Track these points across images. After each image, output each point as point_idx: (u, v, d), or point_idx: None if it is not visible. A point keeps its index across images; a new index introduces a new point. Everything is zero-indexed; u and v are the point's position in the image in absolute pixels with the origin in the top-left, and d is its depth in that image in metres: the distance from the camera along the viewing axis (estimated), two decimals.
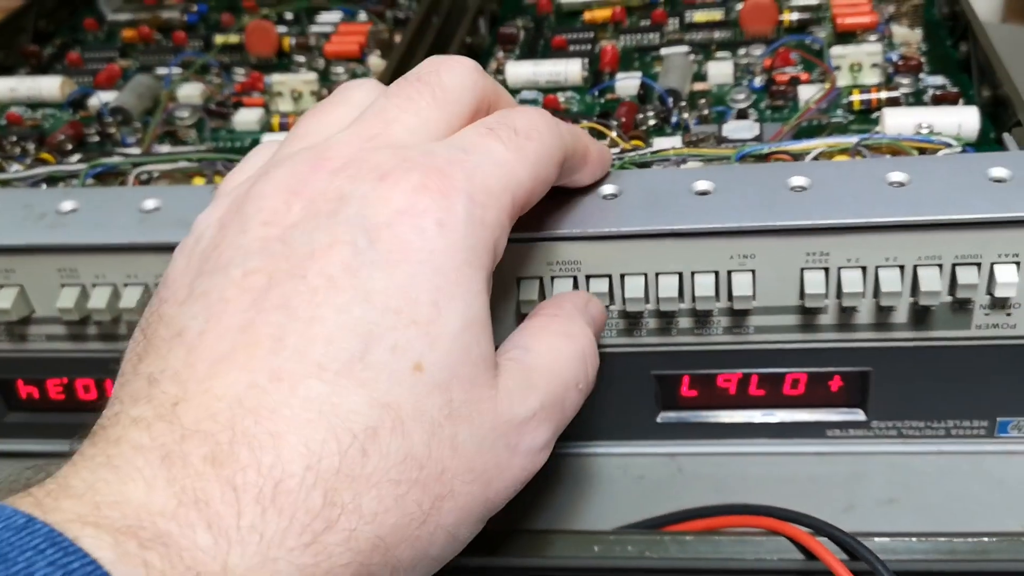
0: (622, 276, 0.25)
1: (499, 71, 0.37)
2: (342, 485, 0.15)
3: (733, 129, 0.31)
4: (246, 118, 0.36)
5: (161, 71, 0.40)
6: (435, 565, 0.17)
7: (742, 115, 0.32)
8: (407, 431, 0.16)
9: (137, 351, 0.17)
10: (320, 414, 0.15)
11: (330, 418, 0.15)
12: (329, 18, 0.43)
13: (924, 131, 0.29)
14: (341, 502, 0.15)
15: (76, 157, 0.34)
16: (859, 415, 0.27)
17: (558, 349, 0.20)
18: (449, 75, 0.20)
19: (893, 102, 0.31)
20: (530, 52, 0.39)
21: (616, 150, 0.29)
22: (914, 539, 0.23)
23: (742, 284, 0.24)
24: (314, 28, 0.43)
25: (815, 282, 0.24)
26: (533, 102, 0.35)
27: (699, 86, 0.34)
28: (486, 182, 0.18)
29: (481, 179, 0.18)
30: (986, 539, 0.23)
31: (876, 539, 0.23)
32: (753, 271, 0.24)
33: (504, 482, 0.18)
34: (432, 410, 0.16)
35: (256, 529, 0.14)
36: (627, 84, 0.34)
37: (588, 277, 0.25)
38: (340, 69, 0.39)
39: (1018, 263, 0.23)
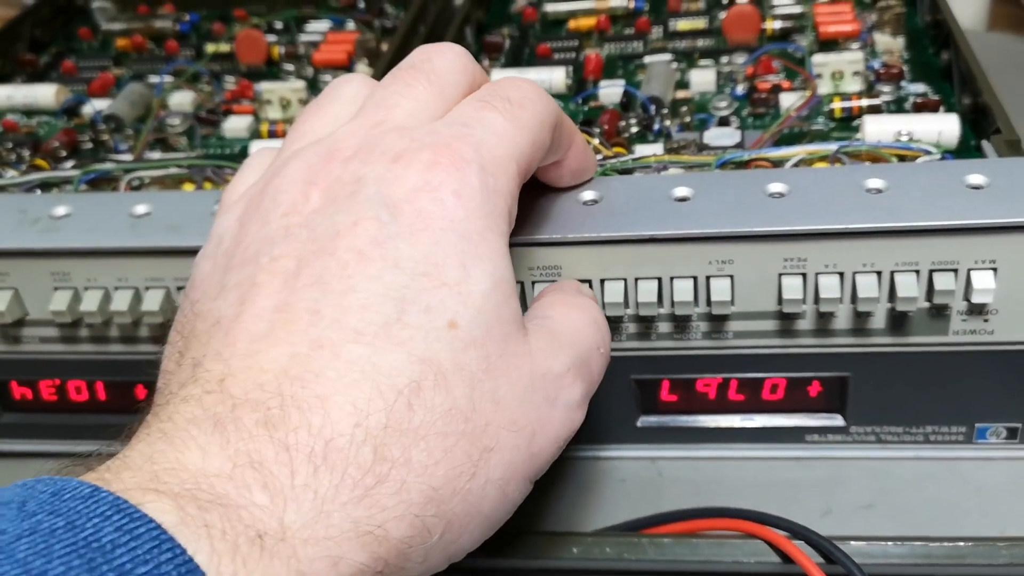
0: (602, 281, 0.25)
1: None
2: (391, 440, 0.16)
3: (714, 136, 0.31)
4: (235, 125, 0.36)
5: (153, 79, 0.40)
6: (488, 524, 0.18)
7: (724, 122, 0.32)
8: (449, 385, 0.17)
9: (178, 348, 0.18)
10: (364, 374, 0.16)
11: (373, 376, 0.16)
12: (318, 27, 0.44)
13: (904, 138, 0.29)
14: (391, 456, 0.16)
15: (70, 163, 0.34)
16: (838, 420, 0.27)
17: (574, 317, 0.21)
18: (440, 60, 0.21)
19: (874, 109, 0.32)
20: (515, 60, 0.39)
21: (599, 157, 0.29)
22: (890, 543, 0.23)
23: (721, 289, 0.24)
24: (303, 37, 0.43)
25: (793, 288, 0.24)
26: None
27: (682, 94, 0.35)
28: (493, 152, 0.19)
29: (488, 150, 0.19)
30: (962, 544, 0.23)
31: (852, 543, 0.23)
32: (732, 276, 0.24)
33: (547, 437, 0.18)
34: (471, 364, 0.17)
35: (310, 487, 0.15)
36: (610, 92, 0.34)
37: None
38: (328, 77, 0.40)
39: (995, 269, 0.23)
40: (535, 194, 0.25)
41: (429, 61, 0.21)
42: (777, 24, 0.38)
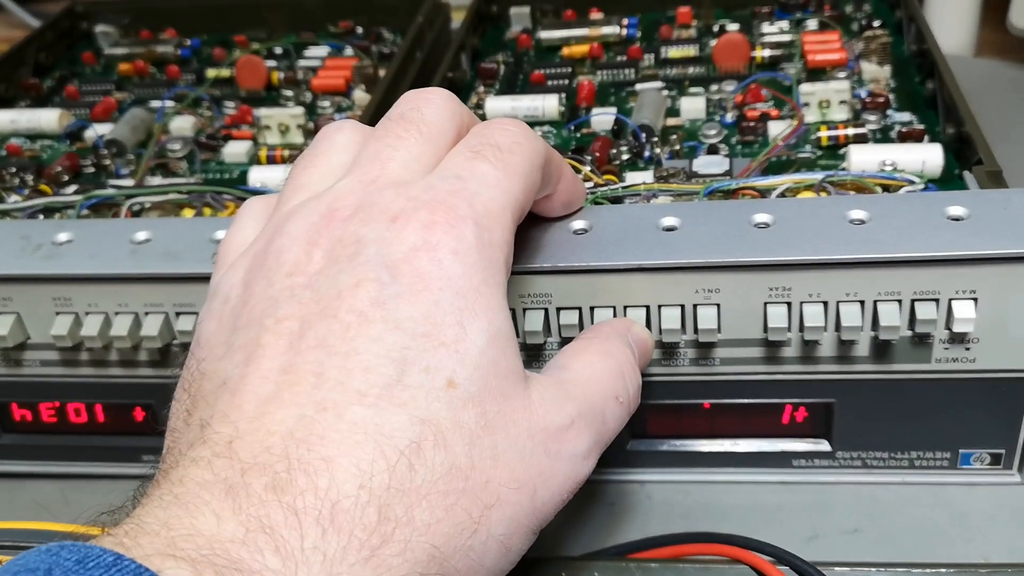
0: (591, 309, 0.25)
1: (479, 106, 0.38)
2: (394, 500, 0.16)
3: (703, 164, 0.32)
4: (235, 150, 0.37)
5: (155, 104, 0.41)
6: None
7: (713, 150, 0.33)
8: (449, 444, 0.17)
9: (185, 407, 0.18)
10: (367, 435, 0.16)
11: (376, 438, 0.16)
12: (316, 53, 0.45)
13: (888, 168, 0.30)
14: (395, 516, 0.16)
15: (72, 188, 0.35)
16: (824, 445, 0.28)
17: (594, 364, 0.21)
18: (429, 108, 0.21)
19: (860, 138, 0.32)
20: (509, 87, 0.40)
21: (589, 185, 0.30)
22: (874, 569, 0.23)
23: (707, 317, 0.25)
24: (302, 63, 0.44)
25: (778, 316, 0.25)
26: None
27: (672, 121, 0.35)
28: (488, 206, 0.19)
29: (482, 204, 0.19)
30: (944, 570, 0.23)
31: (837, 569, 0.23)
32: (718, 305, 0.25)
33: (550, 490, 0.18)
34: (469, 422, 0.17)
35: (319, 549, 0.15)
36: (602, 119, 0.35)
37: (559, 309, 0.25)
38: (327, 103, 0.40)
39: (975, 299, 0.24)
40: (526, 223, 0.25)
41: (418, 111, 0.21)
42: (766, 52, 0.38)
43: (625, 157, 0.33)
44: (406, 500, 0.16)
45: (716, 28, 0.42)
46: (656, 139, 0.34)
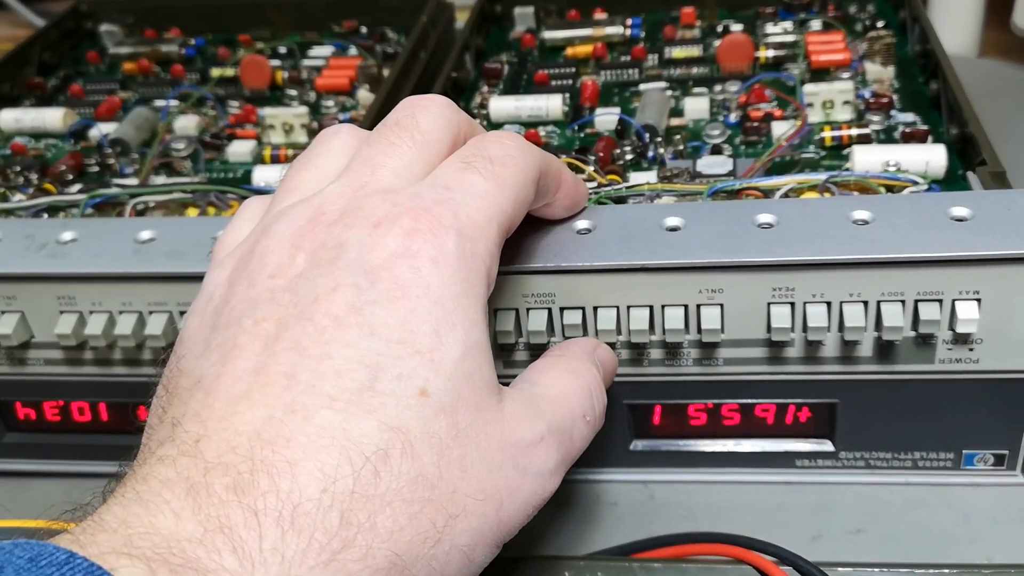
0: (595, 309, 0.25)
1: (483, 105, 0.38)
2: (357, 505, 0.16)
3: (707, 164, 0.32)
4: (239, 150, 0.37)
5: (159, 103, 0.41)
6: None
7: (717, 150, 0.33)
8: (417, 452, 0.17)
9: (161, 404, 0.19)
10: (333, 440, 0.16)
11: (343, 443, 0.16)
12: (321, 52, 0.45)
13: (891, 168, 0.30)
14: (357, 521, 0.16)
15: (76, 187, 0.35)
16: (827, 446, 0.28)
17: (563, 382, 0.21)
18: (425, 116, 0.21)
19: (864, 139, 0.32)
20: (513, 87, 0.40)
21: (593, 184, 0.30)
22: (877, 570, 0.24)
23: (711, 318, 0.25)
24: (306, 62, 0.44)
25: (781, 316, 0.25)
26: None
27: (676, 121, 0.35)
28: (472, 216, 0.19)
29: (467, 214, 0.19)
30: (947, 571, 0.23)
31: (840, 569, 0.23)
32: (721, 305, 0.25)
33: (516, 504, 0.19)
34: (439, 432, 0.17)
35: (278, 550, 0.15)
36: (606, 119, 0.35)
37: (562, 309, 0.25)
38: (331, 103, 0.40)
39: (978, 300, 0.24)
40: (529, 223, 0.25)
41: (414, 118, 0.21)
42: (770, 53, 0.38)
43: (629, 157, 0.33)
44: (369, 506, 0.16)
45: (720, 28, 0.42)
46: (660, 139, 0.34)
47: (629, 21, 0.43)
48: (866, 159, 0.30)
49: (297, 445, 0.16)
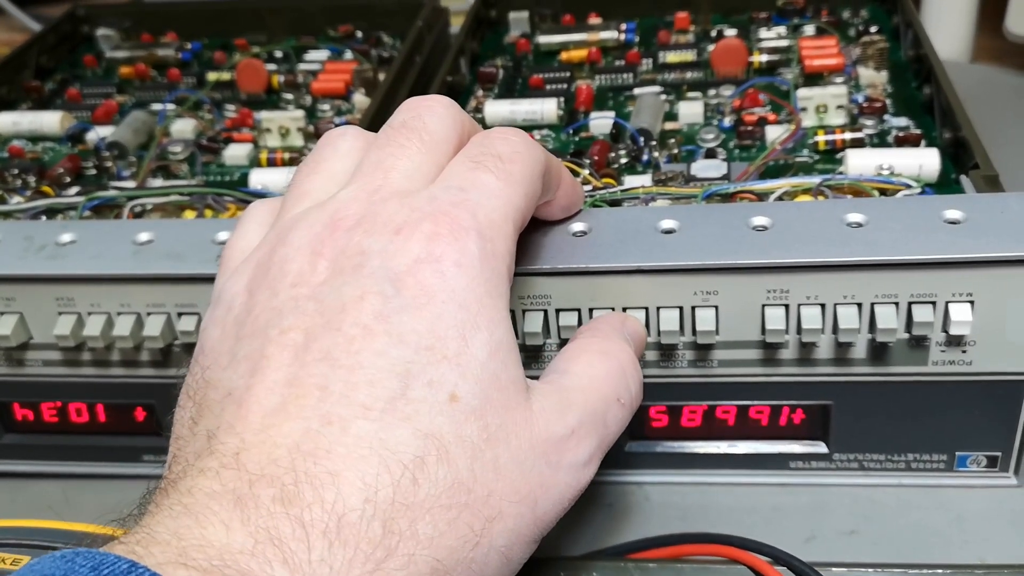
0: (590, 310, 0.25)
1: (478, 109, 0.38)
2: (398, 514, 0.16)
3: (701, 168, 0.32)
4: (236, 153, 0.37)
5: (156, 107, 0.41)
6: None
7: (711, 154, 0.33)
8: (451, 458, 0.17)
9: (190, 415, 0.19)
10: (371, 449, 0.16)
11: (380, 452, 0.16)
12: (317, 56, 0.45)
13: (885, 172, 0.30)
14: (399, 529, 0.16)
15: (74, 190, 0.35)
16: (821, 447, 0.28)
17: (595, 366, 0.21)
18: (431, 116, 0.21)
19: (857, 143, 0.32)
20: (508, 91, 0.40)
21: (588, 188, 0.30)
22: (871, 570, 0.24)
23: (706, 319, 0.25)
24: (302, 66, 0.44)
25: (776, 318, 0.25)
26: None
27: (670, 125, 0.35)
28: (490, 216, 0.19)
29: (485, 214, 0.19)
30: (940, 571, 0.23)
31: (834, 569, 0.23)
32: (716, 307, 0.25)
33: (551, 500, 0.19)
34: (471, 436, 0.17)
35: (325, 562, 0.15)
36: (600, 123, 0.35)
37: (558, 311, 0.26)
38: (326, 106, 0.41)
39: (972, 302, 0.24)
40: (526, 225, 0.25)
41: (420, 119, 0.21)
42: (764, 57, 0.38)
43: (623, 161, 0.33)
44: (410, 514, 0.16)
45: (714, 33, 0.43)
46: (654, 143, 0.34)
47: (624, 26, 0.43)
48: (860, 163, 0.30)
49: (337, 456, 0.16)
